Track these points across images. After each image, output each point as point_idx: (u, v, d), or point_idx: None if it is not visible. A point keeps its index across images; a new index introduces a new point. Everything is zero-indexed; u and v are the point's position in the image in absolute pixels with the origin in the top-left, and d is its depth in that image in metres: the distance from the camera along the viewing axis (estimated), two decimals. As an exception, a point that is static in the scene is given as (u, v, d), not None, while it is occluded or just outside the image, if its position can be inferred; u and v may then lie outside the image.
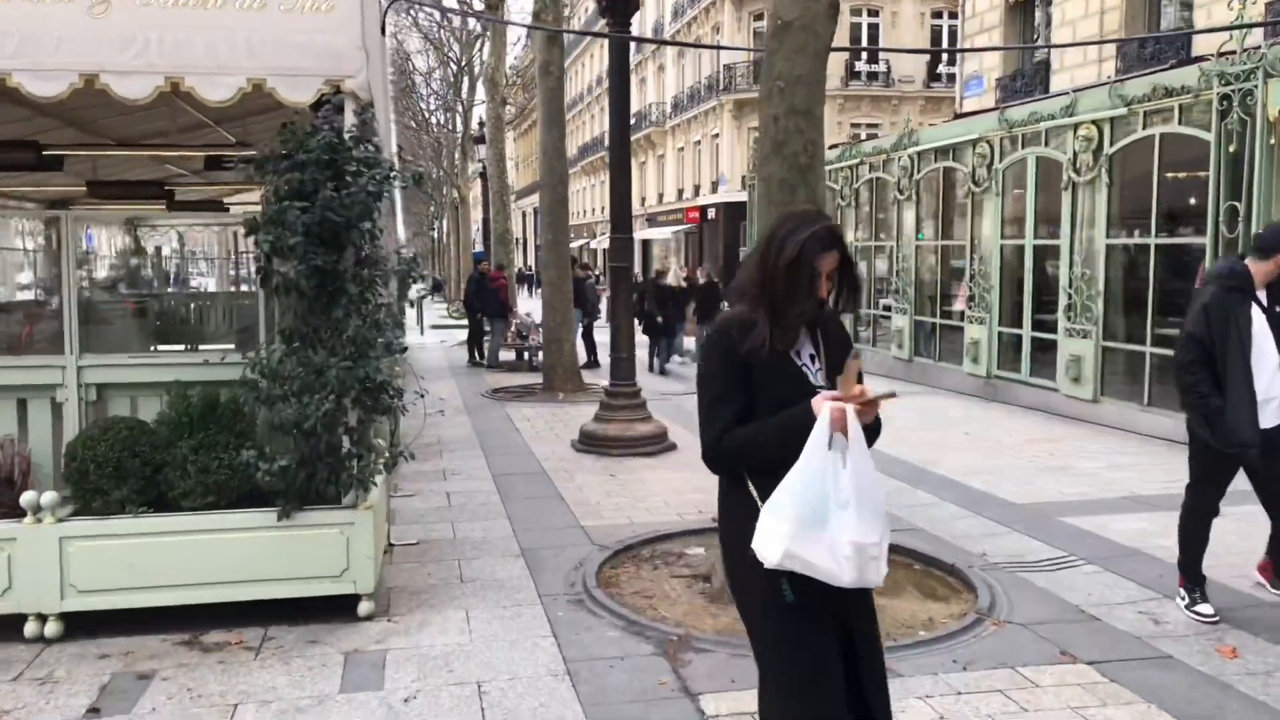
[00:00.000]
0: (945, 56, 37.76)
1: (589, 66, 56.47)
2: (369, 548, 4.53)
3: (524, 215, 66.57)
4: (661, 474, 7.87)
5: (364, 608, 4.54)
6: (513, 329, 16.52)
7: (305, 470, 4.40)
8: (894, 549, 5.70)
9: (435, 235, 56.35)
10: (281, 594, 4.42)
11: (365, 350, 4.39)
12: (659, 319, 15.55)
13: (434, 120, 40.91)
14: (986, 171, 12.10)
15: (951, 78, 37.63)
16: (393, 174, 4.46)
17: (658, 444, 8.77)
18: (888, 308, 14.89)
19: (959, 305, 13.24)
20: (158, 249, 6.70)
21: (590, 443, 8.76)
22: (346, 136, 4.35)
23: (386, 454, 4.78)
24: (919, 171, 13.85)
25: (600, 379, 14.25)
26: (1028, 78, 20.03)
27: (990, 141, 12.03)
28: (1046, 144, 11.07)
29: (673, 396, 12.50)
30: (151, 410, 4.79)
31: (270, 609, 4.45)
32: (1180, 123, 9.14)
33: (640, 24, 47.36)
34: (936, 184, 13.70)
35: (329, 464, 4.43)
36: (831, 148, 18.44)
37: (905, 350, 14.13)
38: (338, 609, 4.52)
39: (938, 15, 37.68)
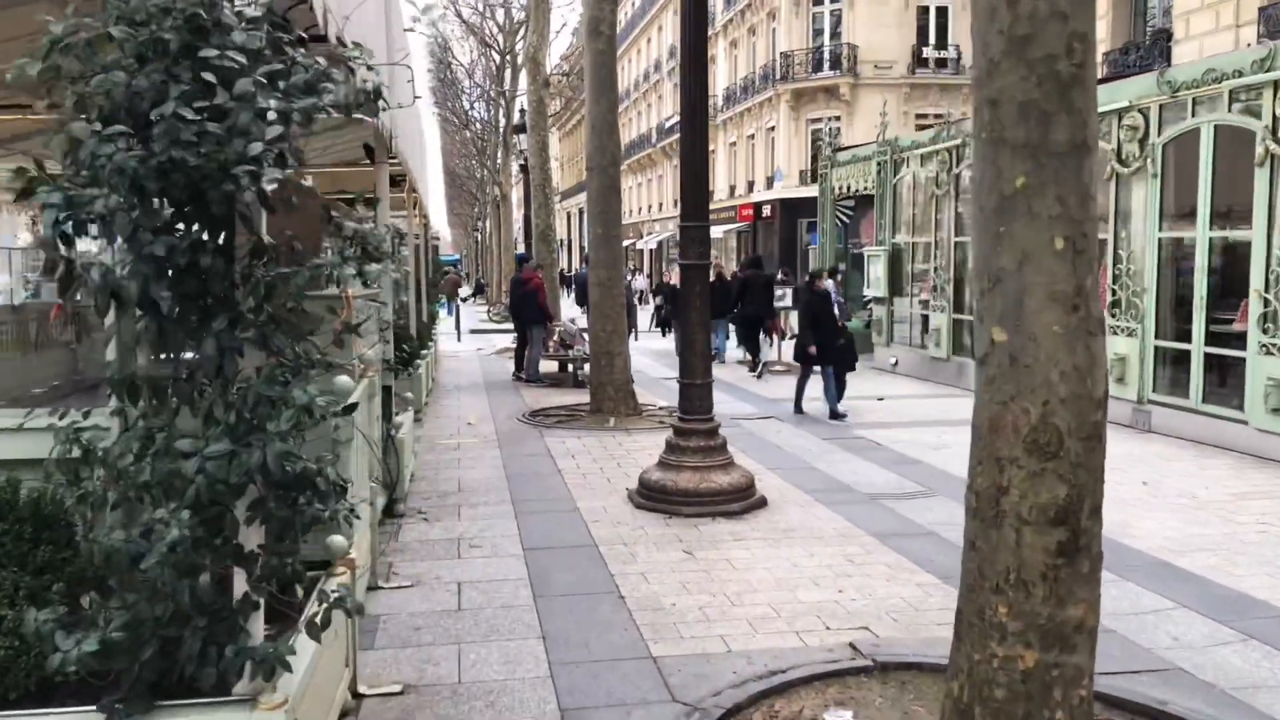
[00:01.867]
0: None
1: (635, 62, 54.47)
2: (279, 776, 2.45)
3: (569, 216, 64.83)
4: (755, 550, 5.71)
5: None
6: (555, 337, 14.46)
7: (157, 639, 2.34)
8: (1156, 717, 3.51)
9: (479, 236, 54.85)
10: None
11: (264, 418, 2.32)
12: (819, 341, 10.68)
13: (475, 115, 39.13)
14: (1138, 147, 9.76)
15: (1028, 63, 35.02)
16: (325, 83, 2.36)
17: (742, 499, 6.62)
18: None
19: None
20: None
21: (654, 496, 6.64)
22: (227, 6, 2.28)
23: (329, 597, 2.68)
24: (1040, 151, 11.51)
25: (653, 397, 12.13)
26: (1143, 50, 17.55)
27: (1144, 110, 9.69)
28: (1229, 109, 8.72)
29: (744, 421, 10.34)
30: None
31: None
32: None
33: (690, 14, 45.22)
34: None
35: (201, 629, 2.36)
36: (924, 127, 16.19)
37: (1022, 366, 11.80)
38: None
39: (1013, -3, 35.00)
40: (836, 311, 11.57)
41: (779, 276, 21.83)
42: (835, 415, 10.60)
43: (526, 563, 5.45)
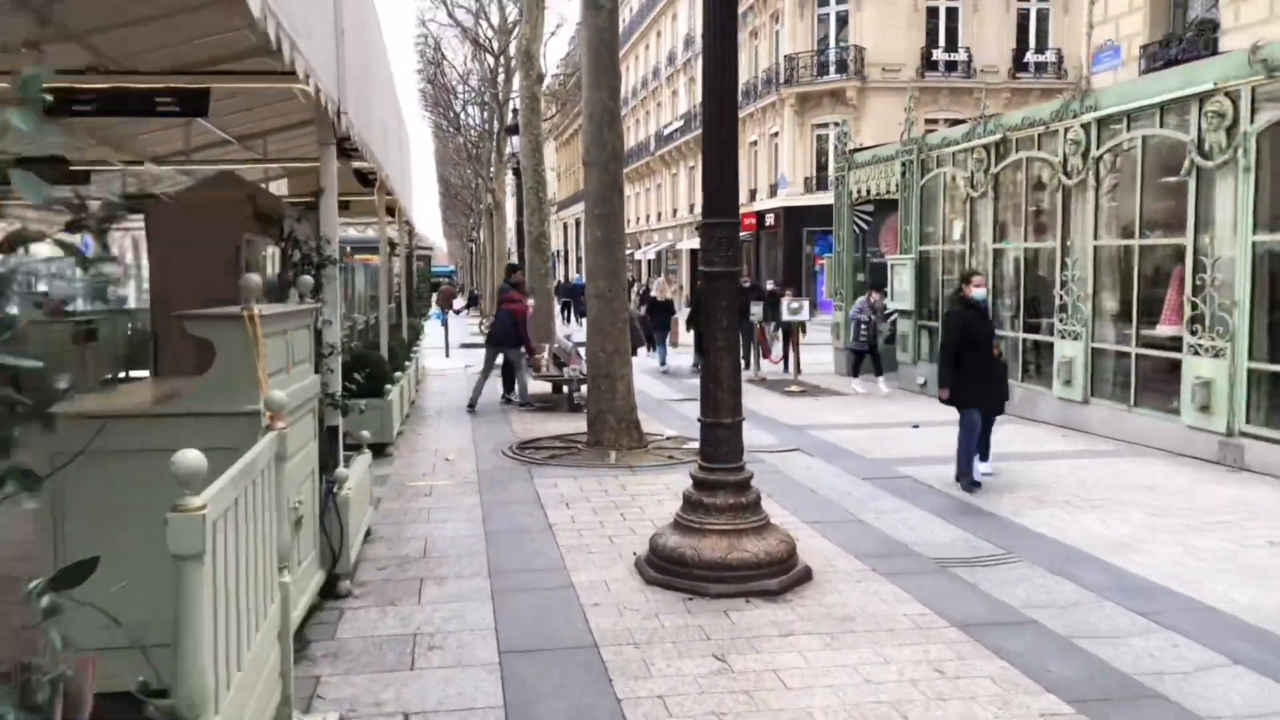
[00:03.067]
0: (1034, 44, 33.84)
1: (634, 68, 53.26)
2: None
3: (565, 227, 63.54)
4: (810, 654, 4.28)
5: None
6: (546, 355, 13.04)
7: None
8: None
9: (473, 247, 53.56)
10: None
11: None
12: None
13: (469, 120, 37.76)
14: (1225, 137, 8.38)
15: (1041, 66, 33.81)
16: None
17: (782, 572, 5.19)
18: (1050, 331, 11.18)
19: (1165, 328, 9.51)
20: None
21: (670, 570, 5.21)
22: None
23: None
24: (1098, 146, 10.15)
25: (657, 424, 10.72)
26: (1186, 42, 16.23)
27: (1232, 94, 8.31)
28: (1347, 89, 7.37)
29: (765, 455, 8.91)
30: None
31: None
32: None
33: (691, 17, 44.01)
34: (1128, 162, 10.00)
35: None
36: (957, 123, 14.84)
37: (1077, 389, 10.42)
38: None
39: (1024, -2, 33.82)
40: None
41: (770, 287, 20.38)
42: (972, 482, 7.53)
43: (502, 676, 4.01)
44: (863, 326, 13.55)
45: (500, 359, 12.70)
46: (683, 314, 17.20)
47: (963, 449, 7.61)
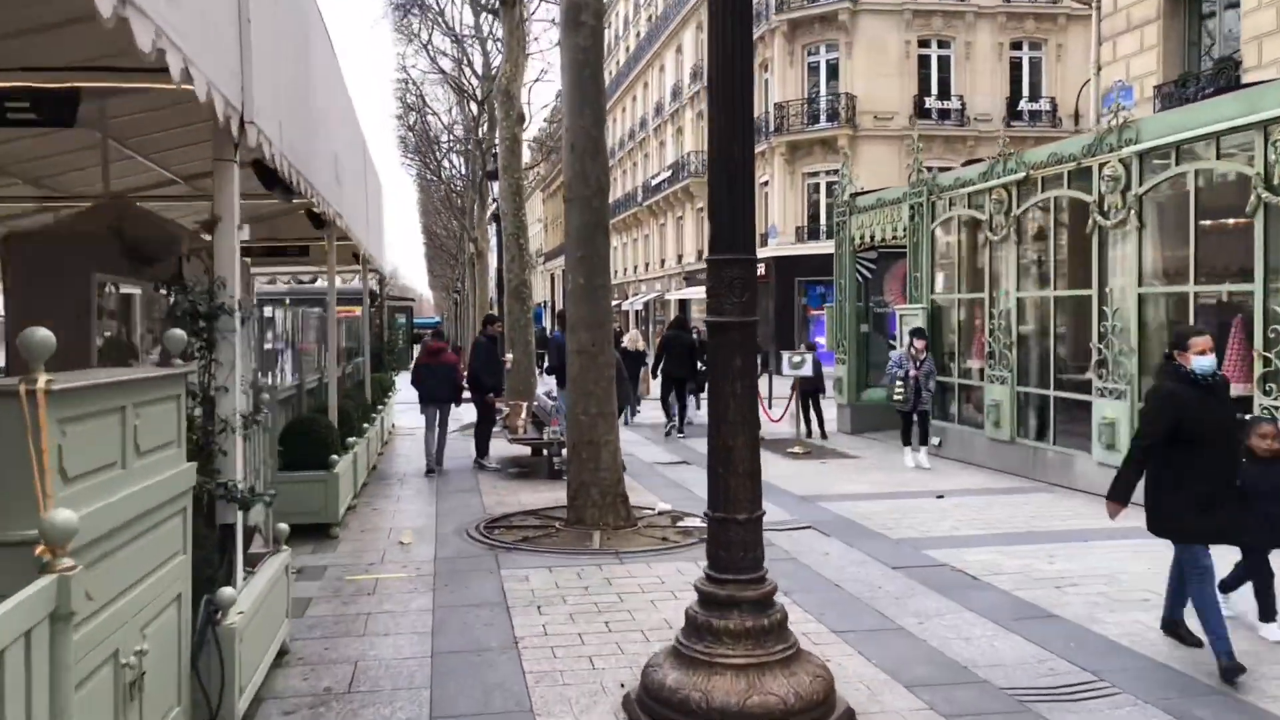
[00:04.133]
0: (1027, 92, 33.28)
1: (621, 120, 52.75)
2: None
3: (551, 278, 62.58)
4: None
5: None
6: (523, 416, 11.77)
7: None
8: None
9: (457, 298, 52.43)
10: None
11: None
12: None
13: (452, 169, 36.87)
14: (1298, 170, 7.32)
15: (1035, 114, 33.21)
16: None
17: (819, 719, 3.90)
18: (1086, 389, 9.99)
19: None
20: None
21: (670, 718, 3.91)
22: None
23: None
24: (1140, 183, 9.08)
25: (649, 494, 9.42)
26: (1205, 81, 15.35)
27: (1305, 120, 7.27)
28: None
29: (774, 534, 7.62)
30: None
31: None
32: None
33: (678, 69, 43.53)
34: (1176, 199, 8.93)
35: None
36: (972, 162, 13.84)
37: (1121, 455, 9.18)
38: None
39: (1017, 46, 33.33)
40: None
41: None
42: (1233, 663, 4.49)
43: None
44: (898, 383, 11.42)
45: (475, 417, 11.51)
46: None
47: (1205, 610, 4.60)
